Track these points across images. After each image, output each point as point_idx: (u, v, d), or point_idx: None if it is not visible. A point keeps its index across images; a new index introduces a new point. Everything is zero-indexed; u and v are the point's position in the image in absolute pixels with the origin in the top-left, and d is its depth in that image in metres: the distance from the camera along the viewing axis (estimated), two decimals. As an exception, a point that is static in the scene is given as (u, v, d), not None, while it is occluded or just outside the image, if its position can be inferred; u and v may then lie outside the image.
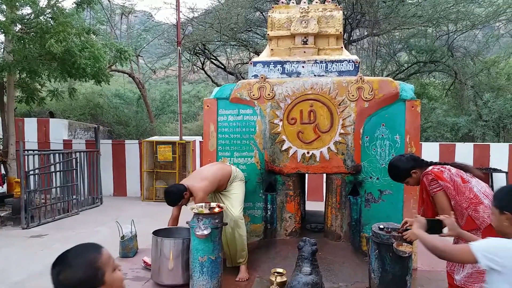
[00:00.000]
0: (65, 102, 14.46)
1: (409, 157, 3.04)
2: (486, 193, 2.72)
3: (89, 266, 1.35)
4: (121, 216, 7.31)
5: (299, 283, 2.96)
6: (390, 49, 13.40)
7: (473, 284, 2.64)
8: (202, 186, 3.74)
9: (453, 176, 2.74)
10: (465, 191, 2.71)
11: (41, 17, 7.48)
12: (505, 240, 1.84)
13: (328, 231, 4.38)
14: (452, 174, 2.75)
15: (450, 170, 2.78)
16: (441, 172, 2.76)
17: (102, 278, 1.36)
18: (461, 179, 2.74)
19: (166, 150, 9.50)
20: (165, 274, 3.68)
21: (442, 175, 2.74)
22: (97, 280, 1.35)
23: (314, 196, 8.73)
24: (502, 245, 1.80)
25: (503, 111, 12.13)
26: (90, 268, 1.35)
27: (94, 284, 1.34)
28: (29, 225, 6.92)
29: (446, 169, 2.78)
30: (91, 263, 1.36)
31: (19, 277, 4.56)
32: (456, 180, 2.73)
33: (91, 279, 1.34)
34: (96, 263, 1.36)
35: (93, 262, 1.36)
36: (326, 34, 4.55)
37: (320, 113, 4.24)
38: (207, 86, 23.85)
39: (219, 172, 3.94)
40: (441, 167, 2.81)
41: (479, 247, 1.82)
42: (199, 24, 13.06)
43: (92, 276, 1.34)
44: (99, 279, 1.35)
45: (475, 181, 2.78)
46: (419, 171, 2.91)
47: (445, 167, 2.81)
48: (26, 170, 7.14)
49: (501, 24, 13.21)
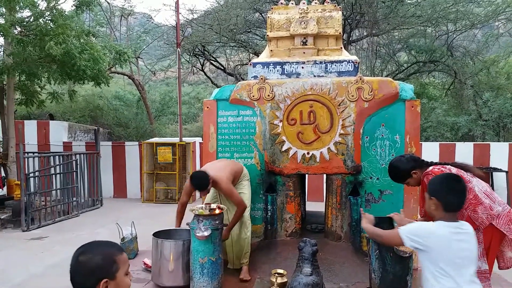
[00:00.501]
0: (65, 104, 14.45)
1: (409, 157, 3.04)
2: (487, 193, 2.72)
3: (108, 257, 1.47)
4: (121, 218, 7.31)
5: (300, 283, 2.95)
6: (390, 49, 13.40)
7: None
8: (224, 175, 3.72)
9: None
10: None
11: (40, 19, 7.49)
12: (428, 224, 2.15)
13: (328, 232, 4.37)
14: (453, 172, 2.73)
15: (451, 170, 2.77)
16: (441, 172, 2.74)
17: (115, 273, 1.47)
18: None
19: (166, 152, 9.50)
20: (165, 275, 3.67)
21: None
22: (110, 272, 1.45)
23: (314, 196, 8.73)
24: (424, 228, 2.11)
25: (503, 110, 12.13)
26: (108, 258, 1.47)
27: (107, 274, 1.44)
28: (29, 227, 6.91)
29: (446, 169, 2.77)
30: (110, 255, 1.49)
31: (20, 278, 4.55)
32: None
33: (105, 268, 1.45)
34: (114, 257, 1.49)
35: (113, 255, 1.49)
36: (325, 34, 4.55)
37: (320, 114, 4.23)
38: (207, 88, 23.85)
39: (233, 165, 3.96)
40: (441, 167, 2.80)
41: (404, 230, 2.12)
42: (198, 26, 13.08)
43: (108, 266, 1.45)
44: (112, 272, 1.46)
45: (476, 180, 2.77)
46: (420, 171, 2.91)
47: (445, 167, 2.81)
48: (26, 173, 7.14)
49: (501, 24, 13.21)
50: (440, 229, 2.05)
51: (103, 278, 1.43)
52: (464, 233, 2.06)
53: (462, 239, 2.03)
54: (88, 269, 1.43)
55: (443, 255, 2.02)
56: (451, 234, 2.03)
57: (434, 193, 2.14)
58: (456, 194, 2.12)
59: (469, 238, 2.06)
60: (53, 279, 4.46)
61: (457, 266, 2.00)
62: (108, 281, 1.43)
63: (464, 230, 2.07)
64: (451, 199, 2.10)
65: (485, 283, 2.63)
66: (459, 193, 2.14)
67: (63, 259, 5.25)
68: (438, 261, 2.02)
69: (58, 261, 5.15)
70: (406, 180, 3.01)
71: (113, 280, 1.46)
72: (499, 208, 2.67)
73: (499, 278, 3.94)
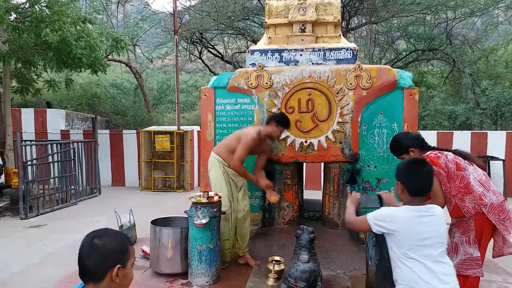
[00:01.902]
0: (62, 93, 14.38)
1: (414, 135, 3.06)
2: (481, 181, 2.73)
3: (124, 244, 1.51)
4: (120, 206, 7.33)
5: (297, 270, 2.97)
6: (389, 37, 13.34)
7: (467, 271, 2.68)
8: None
9: (448, 163, 2.73)
10: (456, 180, 2.71)
11: (36, 6, 7.40)
12: (393, 209, 2.29)
13: (326, 219, 4.40)
14: (448, 161, 2.74)
15: (447, 156, 2.77)
16: (437, 158, 2.76)
17: (126, 261, 1.49)
18: (456, 165, 2.73)
19: (164, 140, 9.49)
20: (163, 263, 3.69)
21: (437, 161, 2.74)
22: (123, 258, 1.48)
23: (312, 184, 8.76)
24: (388, 213, 2.22)
25: (501, 99, 12.12)
26: (124, 246, 1.51)
27: (121, 259, 1.46)
28: (27, 215, 6.93)
29: (443, 155, 2.78)
30: (126, 243, 1.53)
31: (19, 267, 4.57)
32: (450, 167, 2.73)
33: (120, 254, 1.47)
34: (129, 245, 1.53)
35: (127, 244, 1.53)
36: (324, 21, 4.51)
37: (318, 102, 4.22)
38: (204, 76, 23.71)
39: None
40: (438, 153, 2.81)
41: (371, 216, 2.23)
42: (196, 13, 12.96)
43: (122, 252, 1.48)
44: (125, 259, 1.48)
45: (473, 169, 2.77)
46: (418, 152, 2.91)
47: (442, 153, 2.81)
48: (24, 161, 7.13)
49: (500, 12, 13.12)
50: (404, 213, 2.15)
51: (117, 264, 1.43)
52: (429, 216, 2.13)
53: (426, 222, 2.11)
54: (103, 253, 1.43)
55: (407, 238, 2.10)
56: (414, 218, 2.11)
57: (399, 177, 2.26)
58: (419, 179, 2.20)
59: (435, 220, 2.13)
60: (51, 268, 4.48)
61: (422, 248, 2.08)
62: (120, 267, 1.43)
63: (429, 213, 2.14)
64: (414, 183, 2.18)
65: (477, 269, 2.67)
66: (423, 178, 2.22)
67: (61, 247, 5.28)
68: (403, 245, 2.12)
69: (56, 249, 5.17)
70: (401, 155, 3.01)
71: (124, 269, 1.46)
72: (493, 198, 2.68)
73: (495, 266, 3.98)
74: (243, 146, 3.74)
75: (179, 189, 9.66)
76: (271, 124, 3.86)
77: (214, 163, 3.92)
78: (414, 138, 3.00)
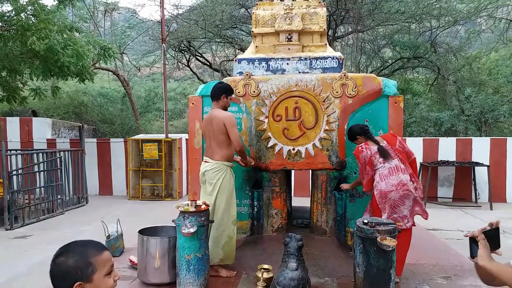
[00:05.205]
0: (48, 101, 14.23)
1: (362, 126, 3.84)
2: (382, 175, 3.51)
3: (83, 259, 1.39)
4: (107, 215, 7.25)
5: (285, 278, 2.99)
6: (375, 45, 13.51)
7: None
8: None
9: (366, 157, 3.60)
10: (367, 167, 3.64)
11: (22, 14, 7.35)
12: None
13: (314, 227, 4.42)
14: (367, 155, 3.60)
15: (370, 150, 3.60)
16: (360, 151, 3.64)
17: (90, 275, 1.38)
18: (369, 159, 3.60)
19: (152, 148, 9.44)
20: (151, 272, 3.67)
21: (359, 154, 3.66)
22: (85, 275, 1.37)
23: (300, 191, 8.78)
24: None
25: (484, 105, 12.35)
26: (82, 260, 1.39)
27: (81, 277, 1.36)
28: (12, 226, 6.81)
29: (366, 150, 3.61)
30: (86, 256, 1.40)
31: (4, 278, 4.49)
32: (366, 160, 3.61)
33: (79, 271, 1.37)
34: (90, 258, 1.40)
35: (88, 256, 1.40)
36: (310, 31, 4.57)
37: (305, 110, 4.27)
38: (193, 83, 23.68)
39: None
40: (365, 146, 3.64)
41: None
42: (183, 21, 12.97)
43: (81, 268, 1.37)
44: (87, 275, 1.38)
45: (383, 165, 3.55)
46: (363, 139, 3.76)
47: (368, 147, 3.62)
48: (9, 170, 7.02)
49: (482, 20, 13.43)
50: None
51: (76, 281, 1.36)
52: None
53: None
54: (62, 272, 1.39)
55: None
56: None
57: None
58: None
59: None
60: (38, 278, 4.41)
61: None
62: (82, 284, 1.37)
63: None
64: None
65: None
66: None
67: (47, 257, 5.16)
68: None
69: (42, 260, 5.09)
70: (353, 141, 3.90)
71: (90, 283, 1.38)
72: (383, 186, 3.48)
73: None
74: (234, 127, 3.73)
75: (167, 198, 9.60)
76: (222, 98, 3.87)
77: (226, 171, 3.81)
78: (360, 128, 3.82)
